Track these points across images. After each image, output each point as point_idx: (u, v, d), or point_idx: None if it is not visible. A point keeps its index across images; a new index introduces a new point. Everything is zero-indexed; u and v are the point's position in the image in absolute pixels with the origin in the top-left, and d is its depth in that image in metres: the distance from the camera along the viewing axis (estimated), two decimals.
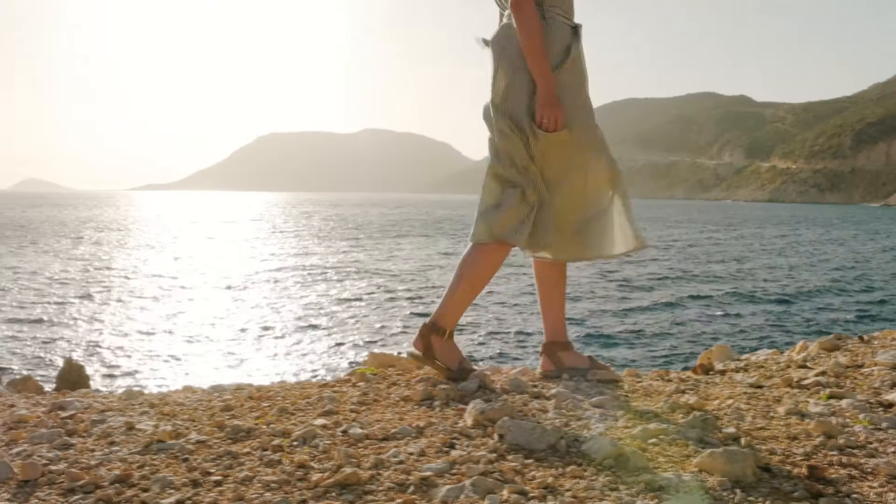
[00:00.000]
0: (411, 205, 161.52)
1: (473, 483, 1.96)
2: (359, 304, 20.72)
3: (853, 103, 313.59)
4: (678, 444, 2.37)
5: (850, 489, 2.06)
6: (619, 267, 30.13)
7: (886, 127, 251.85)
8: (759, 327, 17.65)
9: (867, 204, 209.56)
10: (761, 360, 4.31)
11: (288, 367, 13.56)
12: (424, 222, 75.01)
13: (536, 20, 2.96)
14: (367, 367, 3.47)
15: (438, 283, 24.85)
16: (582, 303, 20.69)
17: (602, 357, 12.06)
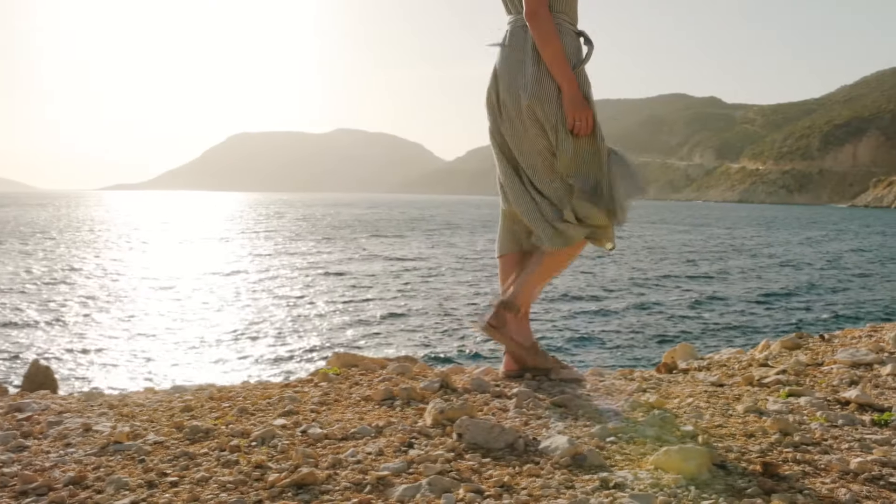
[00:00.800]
0: (384, 205, 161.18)
1: (430, 482, 1.96)
2: (324, 304, 20.63)
3: (821, 105, 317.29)
4: (636, 442, 2.38)
5: (803, 485, 2.09)
6: (591, 267, 30.29)
7: (853, 129, 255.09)
8: (726, 326, 17.80)
9: (835, 205, 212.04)
10: (724, 358, 4.35)
11: (252, 368, 13.49)
12: (398, 223, 74.90)
13: (553, 28, 3.01)
14: (331, 368, 3.46)
15: (408, 285, 24.81)
16: (553, 303, 20.75)
17: (571, 357, 12.10)
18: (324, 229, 59.97)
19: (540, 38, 3.01)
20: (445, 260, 33.95)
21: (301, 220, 78.45)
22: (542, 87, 3.05)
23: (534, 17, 3.00)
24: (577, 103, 3.01)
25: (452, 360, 13.58)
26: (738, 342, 14.75)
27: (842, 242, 51.50)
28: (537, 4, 2.99)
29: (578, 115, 3.02)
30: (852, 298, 23.01)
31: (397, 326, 17.33)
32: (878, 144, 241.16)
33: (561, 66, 3.00)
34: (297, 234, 53.81)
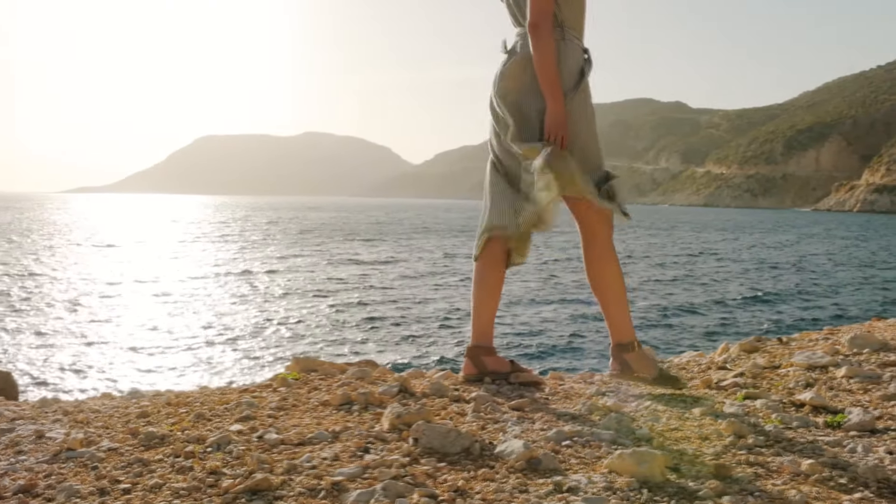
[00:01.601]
0: (352, 209, 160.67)
1: (384, 487, 1.96)
2: (287, 309, 20.51)
3: (784, 110, 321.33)
4: (591, 445, 2.40)
5: (755, 487, 2.12)
6: (554, 270, 30.44)
7: (816, 134, 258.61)
8: (689, 329, 17.97)
9: (798, 208, 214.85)
10: (684, 361, 4.39)
11: (211, 373, 13.38)
12: (366, 226, 74.76)
13: (552, 43, 3.06)
14: (290, 373, 3.45)
15: (375, 290, 24.75)
16: (516, 306, 20.82)
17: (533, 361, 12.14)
18: (291, 233, 59.65)
19: (537, 51, 3.05)
20: (414, 264, 33.94)
21: (268, 224, 78.02)
22: (527, 98, 3.13)
23: (535, 30, 3.04)
24: (559, 122, 3.05)
25: (415, 364, 13.57)
26: (701, 345, 14.89)
27: (804, 246, 52.21)
28: (541, 18, 3.03)
29: (555, 133, 3.05)
30: (813, 302, 23.33)
31: (361, 331, 17.29)
32: (839, 149, 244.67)
33: (551, 82, 3.04)
34: (263, 238, 53.49)
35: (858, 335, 4.21)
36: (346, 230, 65.97)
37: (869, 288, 27.62)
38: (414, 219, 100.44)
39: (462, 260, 36.14)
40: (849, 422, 2.79)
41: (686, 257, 41.15)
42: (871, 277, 31.02)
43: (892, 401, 3.08)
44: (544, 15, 3.03)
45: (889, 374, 3.47)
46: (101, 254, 38.69)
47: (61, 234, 57.33)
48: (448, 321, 18.34)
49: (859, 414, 2.85)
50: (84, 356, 14.39)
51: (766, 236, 66.10)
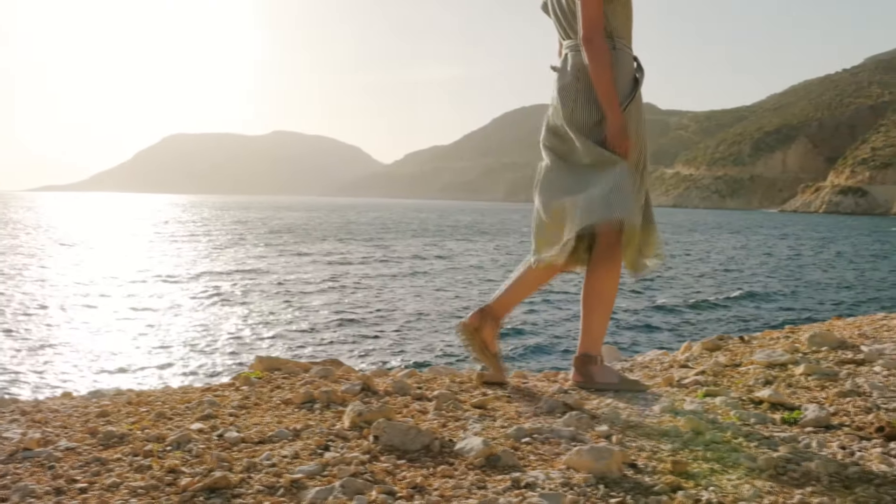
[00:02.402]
0: (322, 208, 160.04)
1: (343, 484, 1.97)
2: (252, 308, 20.35)
3: (752, 112, 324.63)
4: (551, 442, 2.42)
5: (710, 482, 2.15)
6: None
7: (783, 136, 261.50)
8: (655, 328, 18.11)
9: (765, 209, 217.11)
10: (647, 360, 4.44)
11: (175, 373, 13.25)
12: (336, 227, 74.49)
13: (608, 54, 3.08)
14: (253, 371, 3.44)
15: (342, 290, 24.68)
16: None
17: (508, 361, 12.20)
18: (260, 233, 59.30)
19: (593, 63, 3.07)
20: (384, 265, 33.90)
21: (237, 224, 77.51)
22: (582, 112, 3.17)
23: (589, 43, 3.07)
24: (620, 133, 3.09)
25: (381, 364, 13.55)
26: (667, 344, 15.00)
27: (771, 247, 52.76)
28: (593, 31, 3.06)
29: (617, 143, 3.09)
30: (777, 301, 23.57)
31: (329, 331, 17.21)
32: (805, 151, 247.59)
33: (609, 94, 3.07)
34: (231, 237, 53.13)
35: (817, 334, 4.28)
36: (316, 230, 65.69)
37: (832, 288, 27.97)
38: (385, 219, 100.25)
39: (434, 261, 36.17)
40: (805, 418, 2.84)
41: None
42: (834, 278, 31.42)
43: (847, 397, 3.13)
44: (596, 27, 3.07)
45: (846, 372, 3.53)
46: (66, 252, 38.22)
47: (26, 232, 56.58)
48: (416, 322, 18.33)
49: (815, 410, 2.90)
50: (44, 356, 14.20)
51: (734, 237, 66.74)
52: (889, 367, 3.57)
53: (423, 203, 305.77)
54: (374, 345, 15.61)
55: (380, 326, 17.62)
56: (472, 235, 60.72)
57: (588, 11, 3.05)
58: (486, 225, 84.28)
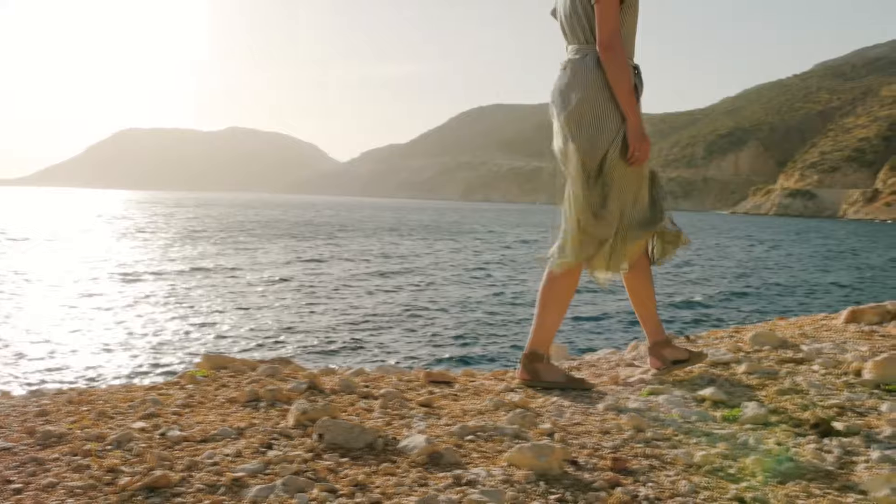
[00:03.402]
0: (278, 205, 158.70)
1: (285, 482, 1.97)
2: (200, 306, 20.12)
3: (706, 115, 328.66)
4: (494, 440, 2.45)
5: (648, 478, 2.19)
6: (492, 270, 30.65)
7: (735, 139, 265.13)
8: (606, 327, 18.27)
9: (717, 211, 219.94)
10: (595, 359, 4.49)
11: (119, 371, 13.04)
12: (293, 225, 73.95)
13: (626, 60, 3.19)
14: (199, 370, 3.41)
15: (295, 288, 24.52)
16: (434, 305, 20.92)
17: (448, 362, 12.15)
18: (213, 231, 58.65)
19: (613, 70, 3.16)
20: (341, 264, 33.75)
21: (190, 220, 76.59)
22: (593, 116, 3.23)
23: (609, 50, 3.15)
24: (640, 135, 3.20)
25: (333, 362, 13.51)
26: (619, 343, 15.13)
27: (722, 248, 53.50)
28: (611, 37, 3.14)
29: (639, 146, 3.20)
30: (725, 301, 23.93)
31: (281, 330, 17.10)
32: (757, 154, 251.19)
33: (628, 96, 3.18)
34: (184, 235, 52.45)
35: (760, 333, 4.36)
36: (271, 228, 65.18)
37: (781, 288, 28.48)
38: (341, 217, 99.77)
39: (390, 260, 36.10)
40: (744, 416, 2.90)
41: None
42: (783, 279, 31.97)
43: (786, 395, 3.20)
44: (615, 34, 3.14)
45: (786, 371, 3.61)
46: (11, 249, 37.43)
47: None
48: (369, 322, 18.29)
49: (754, 408, 2.96)
50: None
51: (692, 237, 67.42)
52: (827, 366, 3.65)
53: (379, 201, 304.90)
54: (326, 344, 15.54)
55: (333, 326, 17.55)
56: (428, 234, 60.73)
57: (607, 20, 3.14)
58: (444, 223, 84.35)
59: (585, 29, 3.25)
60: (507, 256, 39.84)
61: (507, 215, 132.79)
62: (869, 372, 3.43)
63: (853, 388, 3.32)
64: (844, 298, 25.15)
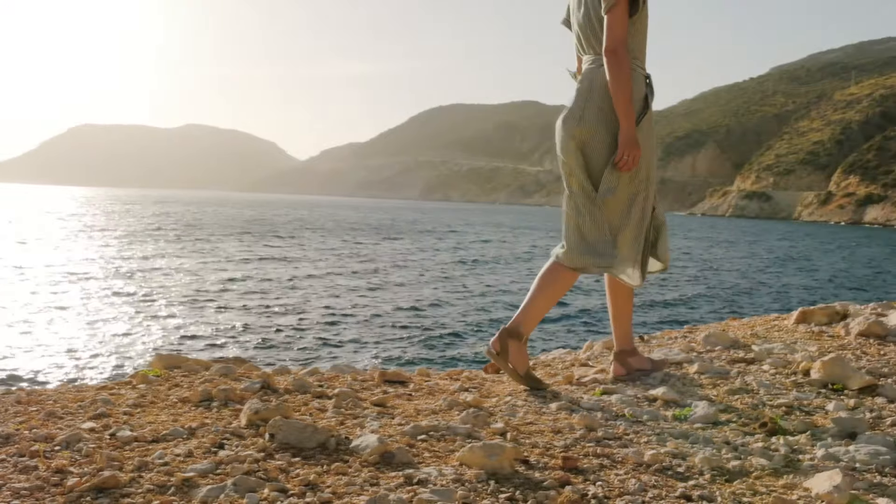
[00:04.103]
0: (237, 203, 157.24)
1: (235, 482, 1.96)
2: (153, 305, 19.84)
3: (664, 118, 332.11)
4: (446, 439, 2.46)
5: (598, 477, 2.21)
6: (449, 270, 30.68)
7: (693, 141, 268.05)
8: (562, 328, 18.39)
9: (675, 212, 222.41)
10: (550, 359, 4.53)
11: (70, 371, 12.83)
12: (251, 222, 73.34)
13: (629, 68, 3.27)
14: (152, 369, 3.38)
15: (252, 288, 24.32)
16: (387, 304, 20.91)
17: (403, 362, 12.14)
18: (170, 229, 57.95)
19: (613, 74, 3.25)
20: (300, 263, 33.56)
21: (147, 218, 75.61)
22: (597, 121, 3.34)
23: (612, 55, 3.24)
24: (631, 141, 3.26)
25: (288, 361, 13.43)
26: (572, 343, 15.24)
27: (679, 249, 54.08)
28: (617, 43, 3.23)
29: (628, 151, 3.27)
30: (681, 302, 24.20)
31: (236, 330, 16.96)
32: (714, 156, 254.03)
33: (625, 102, 3.25)
34: (140, 233, 51.78)
35: (712, 333, 4.43)
36: (229, 226, 64.59)
37: (735, 289, 28.86)
38: (300, 215, 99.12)
39: (355, 259, 35.98)
40: (694, 415, 2.95)
41: None
42: (739, 279, 32.42)
43: (736, 395, 3.26)
44: (621, 42, 3.24)
45: (736, 370, 3.67)
46: None
47: None
48: (326, 321, 18.22)
49: (704, 407, 3.01)
50: None
51: None
52: (776, 366, 3.72)
53: (338, 200, 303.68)
54: (282, 344, 15.45)
55: (289, 326, 17.44)
56: (387, 233, 60.62)
57: (615, 27, 3.24)
58: (404, 222, 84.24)
59: (600, 40, 3.35)
60: (466, 256, 39.91)
61: (469, 214, 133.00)
62: (817, 372, 3.50)
63: (801, 387, 3.38)
64: (797, 299, 25.56)
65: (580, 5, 3.48)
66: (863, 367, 3.64)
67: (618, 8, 3.23)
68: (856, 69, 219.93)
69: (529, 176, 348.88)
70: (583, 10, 3.45)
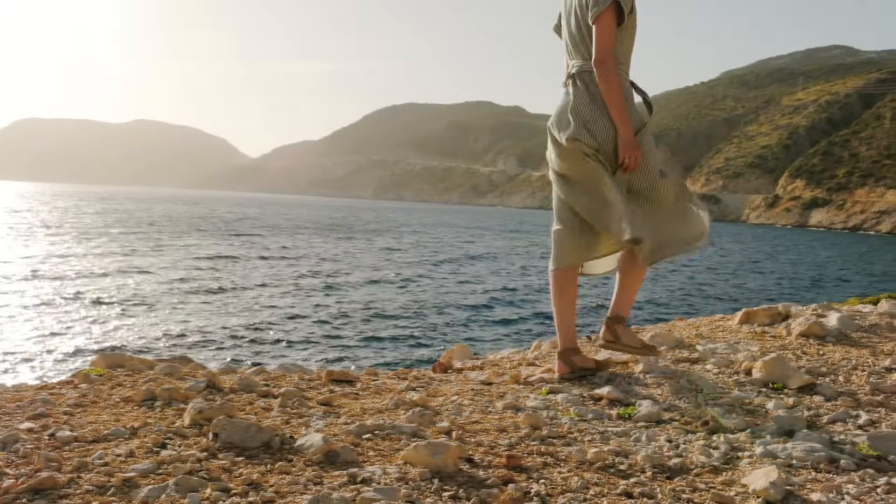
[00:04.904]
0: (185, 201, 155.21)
1: (177, 482, 1.94)
2: (98, 304, 19.49)
3: None
4: (391, 438, 2.46)
5: (541, 475, 2.23)
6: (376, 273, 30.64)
7: None
8: (510, 327, 18.49)
9: None
10: (498, 358, 4.54)
11: (10, 371, 12.57)
12: (199, 220, 72.45)
13: (618, 75, 3.42)
14: (94, 368, 3.33)
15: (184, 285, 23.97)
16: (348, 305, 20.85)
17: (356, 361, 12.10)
18: (120, 226, 57.02)
19: (605, 84, 3.41)
20: (250, 262, 33.26)
21: (94, 215, 74.28)
22: (598, 126, 3.47)
23: (602, 65, 3.39)
24: (630, 144, 3.43)
25: (236, 360, 13.31)
26: (524, 342, 15.33)
27: None
28: (605, 54, 3.38)
29: (629, 153, 3.43)
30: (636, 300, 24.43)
31: (183, 328, 16.76)
32: (665, 159, 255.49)
33: (620, 109, 3.42)
34: (87, 230, 50.80)
35: (658, 334, 4.49)
36: (179, 223, 63.71)
37: (683, 290, 29.27)
38: (251, 213, 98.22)
39: (306, 258, 35.74)
40: (638, 414, 2.99)
41: (521, 257, 42.23)
42: (686, 281, 32.88)
43: (680, 394, 3.31)
44: (608, 52, 3.39)
45: (681, 370, 3.72)
46: None
47: None
48: (275, 320, 18.09)
49: (648, 406, 3.05)
50: None
51: None
52: (719, 366, 3.78)
53: (291, 198, 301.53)
54: (229, 343, 15.31)
55: (238, 325, 17.29)
56: (339, 233, 60.34)
57: (603, 37, 3.39)
58: (358, 222, 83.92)
59: (589, 46, 3.49)
60: (419, 256, 39.91)
61: (422, 214, 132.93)
62: (758, 371, 3.56)
63: (743, 386, 3.44)
64: (744, 300, 26.00)
65: (570, 13, 3.62)
66: (802, 366, 3.72)
67: (605, 17, 3.37)
68: (803, 75, 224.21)
69: (482, 176, 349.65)
70: (573, 19, 3.59)
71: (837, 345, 4.22)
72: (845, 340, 4.33)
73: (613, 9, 3.38)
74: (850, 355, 3.96)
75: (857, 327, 4.64)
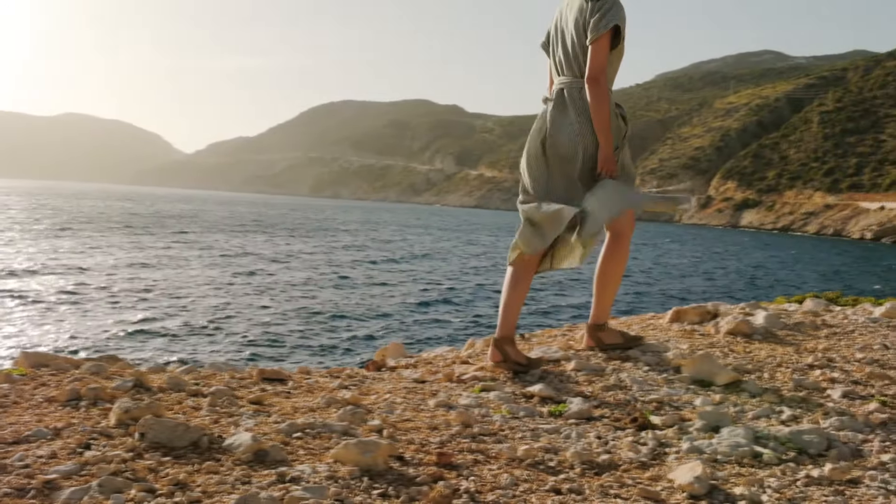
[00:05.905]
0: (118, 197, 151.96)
1: (101, 483, 1.91)
2: (19, 302, 18.96)
3: None
4: (322, 437, 2.45)
5: (471, 472, 2.24)
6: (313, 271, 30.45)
7: None
8: (445, 326, 18.54)
9: None
10: (432, 356, 4.55)
11: None
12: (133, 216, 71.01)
13: (608, 94, 3.70)
14: (16, 368, 3.24)
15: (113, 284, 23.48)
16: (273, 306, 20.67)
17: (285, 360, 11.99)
18: (46, 222, 55.54)
19: (595, 101, 3.66)
20: (182, 259, 32.73)
21: (23, 211, 72.28)
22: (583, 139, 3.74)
23: (595, 83, 3.65)
24: (609, 159, 3.73)
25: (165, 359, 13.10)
26: (459, 341, 15.38)
27: None
28: (598, 72, 3.64)
29: (606, 167, 3.74)
30: (563, 300, 24.72)
31: (112, 326, 16.42)
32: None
33: (604, 126, 3.69)
34: (13, 227, 49.41)
35: None
36: (109, 220, 62.32)
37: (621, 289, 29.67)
38: (185, 210, 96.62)
39: (241, 256, 35.30)
40: (569, 411, 3.02)
41: (457, 255, 42.28)
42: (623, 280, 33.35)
43: (610, 391, 3.36)
44: (601, 70, 3.65)
45: (612, 368, 3.77)
46: None
47: None
48: (208, 318, 17.84)
49: (579, 403, 3.09)
50: None
51: None
52: (650, 363, 3.84)
53: (226, 195, 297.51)
54: (160, 342, 15.05)
55: (171, 324, 17.01)
56: (276, 230, 59.75)
57: (597, 57, 3.64)
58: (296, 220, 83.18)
59: (581, 66, 3.74)
60: (358, 255, 39.75)
61: (360, 212, 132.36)
62: (687, 368, 3.64)
63: (672, 383, 3.51)
64: (678, 299, 26.45)
65: (563, 33, 3.86)
66: (729, 363, 3.81)
67: (602, 40, 3.63)
68: (734, 79, 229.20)
69: (420, 174, 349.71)
70: (569, 38, 3.80)
71: (764, 342, 4.33)
72: (771, 338, 4.44)
73: (611, 33, 3.64)
74: (775, 353, 4.06)
75: (783, 325, 4.77)
